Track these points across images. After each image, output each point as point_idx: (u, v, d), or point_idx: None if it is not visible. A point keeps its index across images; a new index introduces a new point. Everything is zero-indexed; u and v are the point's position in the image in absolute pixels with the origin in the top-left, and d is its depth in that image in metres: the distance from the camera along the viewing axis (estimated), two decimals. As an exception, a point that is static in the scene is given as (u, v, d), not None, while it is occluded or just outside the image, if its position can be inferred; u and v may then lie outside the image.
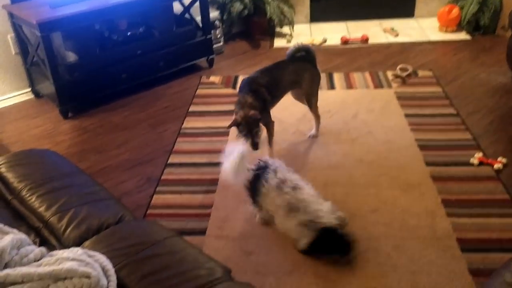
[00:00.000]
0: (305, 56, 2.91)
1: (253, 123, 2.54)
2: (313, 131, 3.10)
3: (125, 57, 3.74)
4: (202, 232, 2.36)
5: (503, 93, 3.57)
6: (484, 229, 2.28)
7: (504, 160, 2.73)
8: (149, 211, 2.53)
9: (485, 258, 2.12)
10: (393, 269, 2.09)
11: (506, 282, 1.21)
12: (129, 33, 3.80)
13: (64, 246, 1.42)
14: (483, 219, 2.35)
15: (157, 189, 2.70)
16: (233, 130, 3.18)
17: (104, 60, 3.65)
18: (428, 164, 2.78)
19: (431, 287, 1.99)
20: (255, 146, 2.57)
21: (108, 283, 1.14)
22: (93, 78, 3.59)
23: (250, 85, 2.70)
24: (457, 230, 2.28)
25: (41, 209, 1.55)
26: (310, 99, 2.97)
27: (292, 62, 2.88)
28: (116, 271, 1.20)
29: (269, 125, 2.82)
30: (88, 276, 1.08)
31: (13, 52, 3.74)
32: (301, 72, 2.88)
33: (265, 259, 2.19)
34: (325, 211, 2.13)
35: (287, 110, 3.06)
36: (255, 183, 2.27)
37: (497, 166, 2.70)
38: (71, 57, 3.58)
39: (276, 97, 2.84)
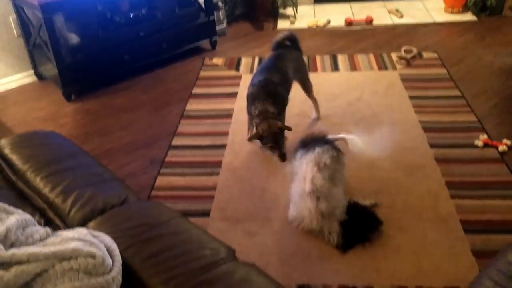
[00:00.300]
0: (292, 44, 2.87)
1: (278, 134, 2.44)
2: (315, 114, 3.09)
3: (128, 38, 3.71)
4: (206, 213, 2.37)
5: (508, 75, 3.53)
6: (487, 211, 2.29)
7: (508, 142, 2.71)
8: (153, 193, 2.54)
9: (488, 239, 2.13)
10: (396, 250, 2.10)
11: (510, 263, 1.21)
12: (131, 15, 3.77)
13: (69, 227, 1.42)
14: (487, 200, 2.35)
15: (161, 171, 2.71)
16: (237, 113, 3.20)
17: (107, 42, 3.63)
18: (432, 146, 2.77)
19: (434, 268, 2.00)
20: (283, 157, 2.46)
21: (113, 263, 1.14)
22: (95, 60, 3.58)
23: (266, 88, 2.54)
24: (461, 211, 2.28)
25: (46, 190, 1.55)
26: (307, 84, 2.96)
27: (290, 51, 2.82)
28: (120, 252, 1.20)
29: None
30: (93, 256, 1.09)
31: (16, 34, 3.72)
32: (298, 60, 2.86)
33: (269, 240, 2.20)
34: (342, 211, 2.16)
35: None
36: (309, 143, 2.26)
37: (501, 148, 2.68)
38: (74, 39, 3.56)
39: (288, 91, 2.74)
